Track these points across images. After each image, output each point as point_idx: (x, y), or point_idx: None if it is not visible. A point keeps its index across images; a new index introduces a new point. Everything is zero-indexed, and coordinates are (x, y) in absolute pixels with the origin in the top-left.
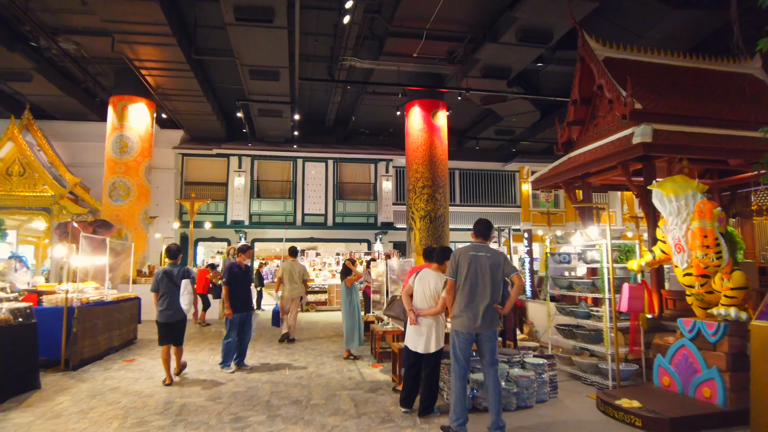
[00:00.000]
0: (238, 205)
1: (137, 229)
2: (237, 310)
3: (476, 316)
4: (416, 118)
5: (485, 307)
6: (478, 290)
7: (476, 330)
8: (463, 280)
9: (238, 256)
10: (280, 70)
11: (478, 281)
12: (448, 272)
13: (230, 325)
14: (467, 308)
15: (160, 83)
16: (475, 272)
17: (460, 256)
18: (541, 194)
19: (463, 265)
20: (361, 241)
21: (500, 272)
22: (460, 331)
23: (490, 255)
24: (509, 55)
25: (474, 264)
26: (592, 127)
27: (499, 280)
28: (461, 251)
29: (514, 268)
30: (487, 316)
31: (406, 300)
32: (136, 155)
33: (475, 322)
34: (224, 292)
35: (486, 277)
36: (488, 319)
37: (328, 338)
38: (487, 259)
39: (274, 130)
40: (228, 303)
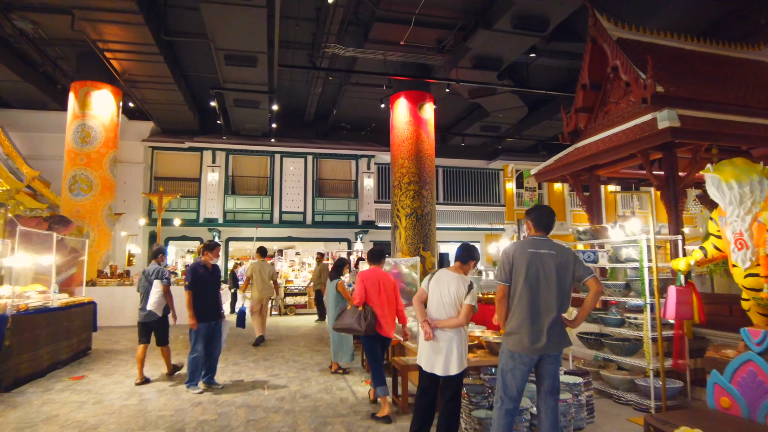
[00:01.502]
0: (211, 202)
1: (100, 226)
2: (203, 318)
3: (539, 332)
4: (402, 111)
5: (551, 322)
6: (540, 299)
7: (539, 351)
8: (520, 285)
9: (204, 255)
10: (258, 55)
11: (540, 287)
12: (500, 275)
13: (195, 338)
14: (527, 323)
15: (127, 68)
16: (536, 275)
17: (515, 253)
18: (525, 193)
19: (519, 265)
20: (341, 241)
21: (570, 275)
22: (516, 352)
23: (556, 253)
24: (502, 44)
25: (535, 264)
26: (602, 115)
27: (568, 286)
28: (516, 247)
29: (588, 270)
30: (553, 332)
31: (419, 308)
32: (100, 146)
33: (537, 340)
34: (186, 298)
35: (551, 282)
36: (555, 337)
37: (311, 347)
38: (551, 258)
39: (250, 123)
40: (191, 311)
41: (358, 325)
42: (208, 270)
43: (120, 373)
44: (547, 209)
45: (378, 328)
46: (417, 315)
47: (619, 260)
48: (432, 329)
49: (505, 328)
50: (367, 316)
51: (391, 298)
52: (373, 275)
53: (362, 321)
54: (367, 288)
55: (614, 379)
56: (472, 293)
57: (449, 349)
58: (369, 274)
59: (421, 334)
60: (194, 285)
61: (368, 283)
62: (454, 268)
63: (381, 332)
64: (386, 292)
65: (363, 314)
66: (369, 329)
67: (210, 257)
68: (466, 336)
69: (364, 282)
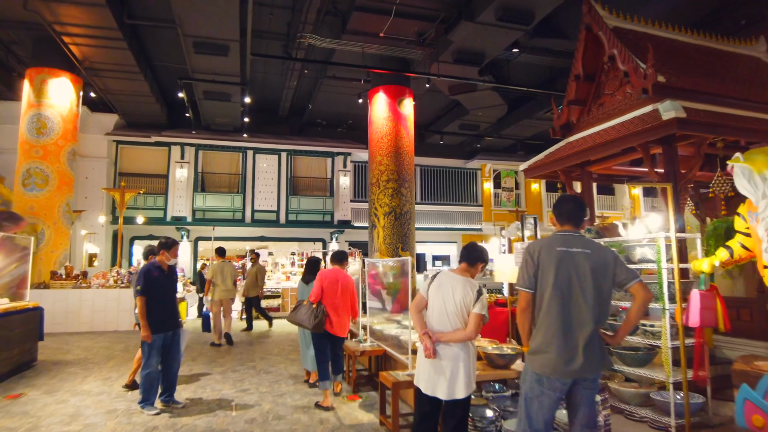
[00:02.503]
0: (179, 199)
1: (57, 224)
2: (158, 329)
3: (573, 351)
4: (381, 106)
5: (588, 337)
6: (573, 309)
7: (573, 374)
8: (548, 292)
9: (159, 254)
10: (230, 43)
11: (573, 294)
12: (522, 279)
13: (149, 351)
14: (558, 339)
15: (87, 54)
16: (567, 279)
17: (541, 252)
18: (503, 193)
19: (547, 267)
20: (315, 241)
21: (609, 279)
22: (544, 375)
23: (591, 252)
24: (485, 38)
25: (566, 266)
26: (595, 108)
27: (607, 293)
28: (542, 245)
29: (632, 273)
30: (591, 350)
31: (417, 318)
32: (57, 138)
33: (571, 361)
34: (138, 306)
35: (586, 288)
36: (593, 357)
37: (285, 356)
38: (586, 258)
39: (221, 117)
40: (144, 321)
41: (308, 321)
42: (163, 272)
43: (65, 390)
44: (573, 198)
45: (329, 326)
46: (414, 326)
47: (632, 261)
48: (433, 344)
49: (529, 345)
50: (318, 315)
51: (346, 299)
52: (333, 275)
53: (312, 318)
54: (325, 287)
55: (626, 392)
56: (482, 300)
57: (455, 368)
58: (329, 274)
59: (420, 350)
60: (147, 290)
61: (326, 282)
62: (459, 271)
63: (331, 331)
64: (343, 292)
65: (315, 312)
66: (317, 327)
67: (167, 257)
68: (475, 352)
69: (322, 281)
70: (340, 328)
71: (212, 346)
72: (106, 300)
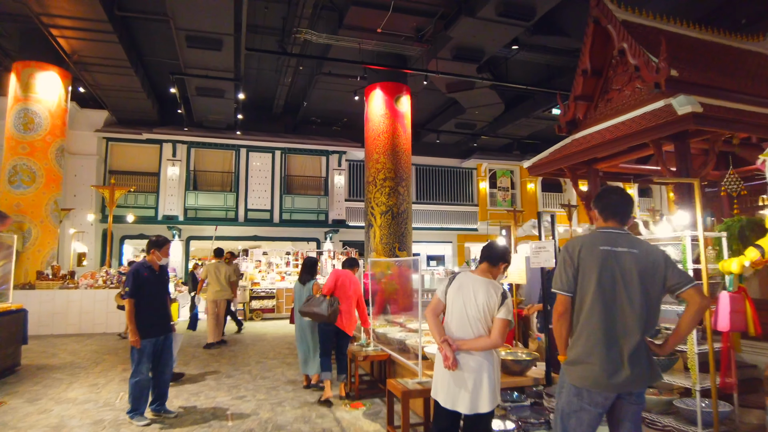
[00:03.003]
0: (171, 198)
1: (44, 222)
2: (149, 333)
3: (618, 362)
4: (377, 103)
5: (634, 347)
6: (618, 315)
7: (618, 388)
8: (590, 296)
9: (150, 253)
10: (224, 37)
11: (618, 299)
12: (559, 281)
13: (139, 358)
14: (600, 348)
15: (76, 48)
16: (612, 282)
17: (582, 251)
18: (499, 193)
19: (589, 268)
20: (309, 240)
21: (659, 283)
22: (584, 388)
23: (639, 252)
24: (485, 34)
25: (610, 267)
26: (602, 104)
27: (656, 298)
28: (583, 243)
29: (686, 277)
30: (638, 361)
31: (434, 323)
32: (45, 134)
33: (615, 373)
34: (127, 308)
35: (633, 292)
36: (641, 368)
37: (282, 359)
38: (633, 258)
39: (214, 114)
40: (133, 325)
41: (325, 310)
42: (154, 272)
43: (49, 398)
44: (620, 190)
45: (339, 321)
46: (431, 333)
47: None
48: (454, 353)
49: (566, 355)
50: (333, 304)
51: (353, 300)
52: (346, 275)
53: (329, 307)
54: (338, 284)
55: (648, 400)
56: (507, 304)
57: (478, 379)
58: (342, 273)
59: (438, 359)
60: (137, 291)
61: (340, 279)
62: (480, 271)
63: (341, 326)
64: (354, 293)
65: (330, 302)
66: (333, 316)
67: (157, 256)
68: (499, 361)
69: (337, 277)
70: (347, 324)
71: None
72: (94, 301)
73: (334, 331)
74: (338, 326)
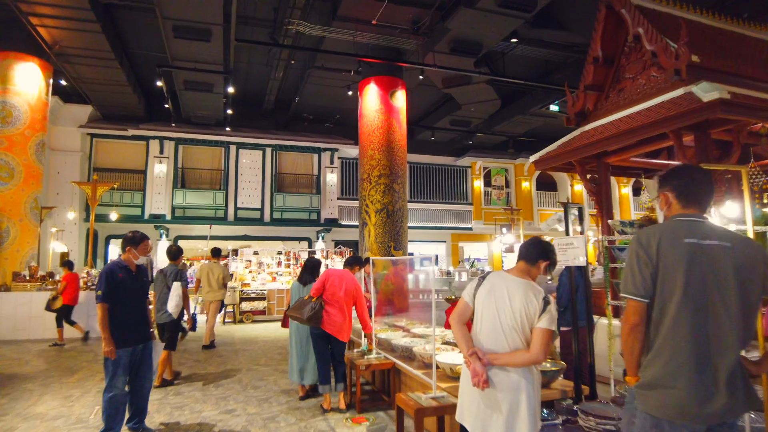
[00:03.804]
0: (158, 196)
1: (23, 221)
2: (124, 342)
3: (712, 386)
4: (372, 98)
5: (732, 367)
6: (711, 326)
7: (709, 418)
8: (674, 302)
9: (125, 252)
10: (212, 27)
11: (710, 305)
12: (630, 282)
13: (113, 370)
14: (689, 369)
15: (58, 38)
16: (702, 284)
17: (662, 245)
18: (493, 191)
19: (672, 266)
20: (300, 240)
21: (758, 284)
22: (666, 420)
23: (732, 245)
24: (484, 25)
25: (699, 265)
26: (614, 94)
27: (755, 304)
28: (661, 235)
29: None
30: (734, 385)
31: (461, 332)
32: (24, 128)
33: (708, 400)
34: (99, 314)
35: (730, 297)
36: (738, 393)
37: (275, 366)
38: (726, 254)
39: (202, 109)
40: (106, 333)
41: (304, 313)
42: (130, 273)
43: (15, 413)
44: (701, 169)
45: (327, 324)
46: (458, 343)
47: None
48: (484, 368)
49: (640, 376)
50: (314, 307)
51: (349, 301)
52: (339, 274)
53: (309, 310)
54: (327, 285)
55: None
56: (550, 311)
57: (514, 401)
58: (335, 272)
59: (464, 375)
60: (110, 295)
61: (330, 280)
62: (516, 271)
63: (329, 330)
64: (347, 293)
65: (312, 305)
66: (312, 320)
67: (134, 255)
68: (539, 380)
69: (326, 277)
70: (338, 329)
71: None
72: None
73: (325, 336)
74: (326, 330)
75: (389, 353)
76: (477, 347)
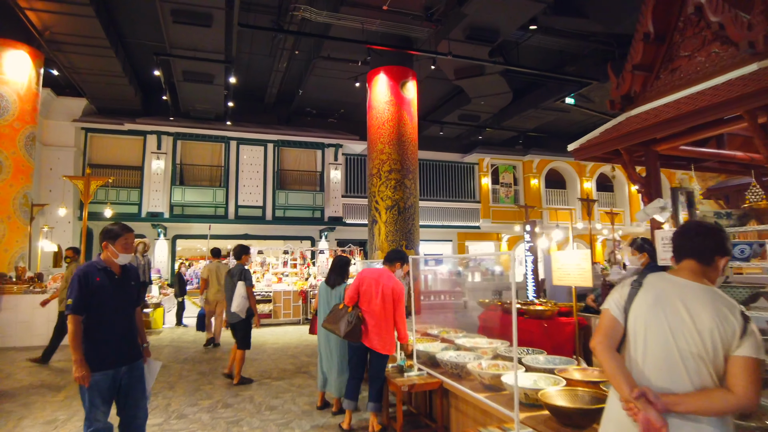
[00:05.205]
0: (156, 193)
1: (12, 219)
2: (101, 364)
3: None
4: (381, 88)
5: None
6: None
7: None
8: None
9: (104, 250)
10: (214, 12)
11: None
12: None
13: (90, 399)
14: None
15: (48, 23)
16: None
17: None
18: (501, 189)
19: None
20: (303, 239)
21: None
22: None
23: None
24: (503, 10)
25: None
26: (666, 75)
27: None
28: None
29: None
30: None
31: (614, 363)
32: (13, 119)
33: None
34: (69, 329)
35: None
36: None
37: (290, 380)
38: None
39: (202, 102)
40: (78, 352)
41: (340, 328)
42: (111, 276)
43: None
44: None
45: (366, 339)
46: (611, 379)
47: None
48: (660, 415)
49: None
50: (352, 320)
51: (388, 308)
52: (374, 276)
53: (346, 325)
54: (361, 291)
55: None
56: (753, 332)
57: None
58: (369, 274)
59: (618, 422)
60: (82, 304)
61: (364, 284)
62: (687, 273)
63: (368, 344)
64: (384, 299)
65: (348, 318)
66: (350, 336)
67: (113, 252)
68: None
69: (360, 281)
70: (379, 342)
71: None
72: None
73: (364, 348)
74: (365, 344)
75: (431, 369)
76: (644, 386)
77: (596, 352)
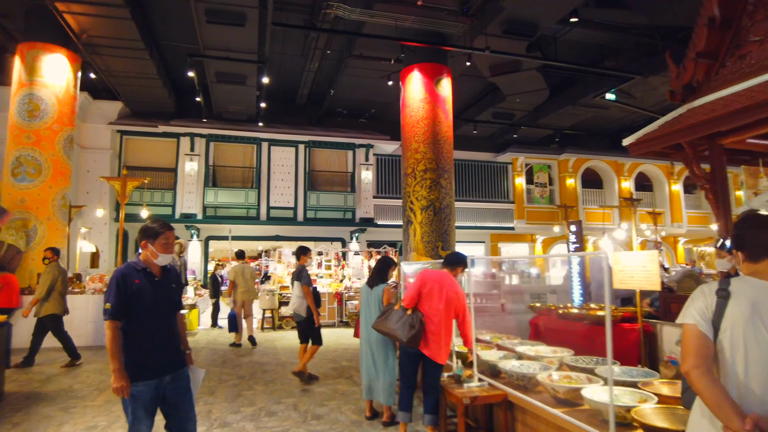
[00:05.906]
0: (189, 195)
1: (51, 220)
2: (143, 374)
3: None
4: (415, 86)
5: None
6: None
7: None
8: None
9: (142, 248)
10: (247, 11)
11: None
12: None
13: (133, 411)
14: None
15: (85, 27)
16: None
17: None
18: (536, 189)
19: None
20: (334, 240)
21: None
22: None
23: None
24: (542, 2)
25: None
26: (733, 62)
27: None
28: None
29: None
30: None
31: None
32: (52, 122)
33: None
34: (107, 336)
35: None
36: None
37: (332, 385)
38: None
39: (234, 104)
40: (117, 361)
41: (402, 332)
42: (151, 278)
43: None
44: None
45: (423, 345)
46: (712, 405)
47: None
48: None
49: None
50: (415, 325)
51: (450, 314)
52: (437, 278)
53: (408, 329)
54: (423, 292)
55: None
56: None
57: None
58: (432, 275)
59: None
60: (121, 309)
61: (426, 286)
62: None
63: (425, 351)
64: (447, 304)
65: (411, 321)
66: (413, 341)
67: (152, 252)
68: None
69: (422, 282)
70: (435, 349)
71: (231, 347)
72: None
73: (418, 356)
74: (422, 351)
75: (491, 379)
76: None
77: (692, 379)
